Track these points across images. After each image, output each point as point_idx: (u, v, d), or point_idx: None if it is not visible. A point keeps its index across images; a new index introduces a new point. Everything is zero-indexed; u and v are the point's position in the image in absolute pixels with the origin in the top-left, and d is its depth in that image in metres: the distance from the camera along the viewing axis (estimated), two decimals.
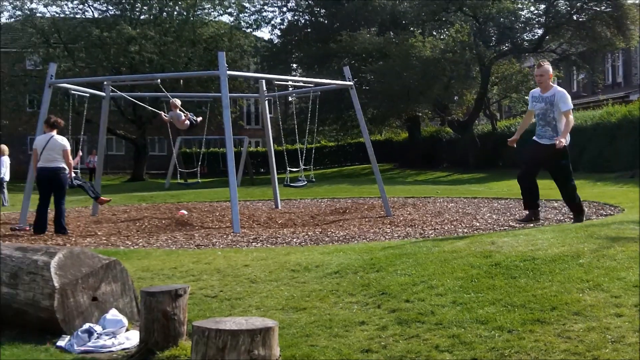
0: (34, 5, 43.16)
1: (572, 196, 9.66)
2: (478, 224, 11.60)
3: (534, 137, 9.47)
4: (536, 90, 9.50)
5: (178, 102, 15.59)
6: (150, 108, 16.81)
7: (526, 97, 20.49)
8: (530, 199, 9.73)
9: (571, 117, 9.18)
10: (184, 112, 15.51)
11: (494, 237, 8.03)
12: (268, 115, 17.95)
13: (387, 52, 36.03)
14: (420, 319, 5.25)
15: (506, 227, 10.83)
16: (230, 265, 7.57)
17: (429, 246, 7.69)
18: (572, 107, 9.33)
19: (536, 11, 37.50)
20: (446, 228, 11.36)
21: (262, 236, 11.09)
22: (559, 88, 9.35)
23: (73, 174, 13.33)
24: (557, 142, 8.87)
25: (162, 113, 15.65)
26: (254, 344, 3.99)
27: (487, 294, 5.63)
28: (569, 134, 9.18)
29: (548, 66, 9.34)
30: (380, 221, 13.16)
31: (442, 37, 39.73)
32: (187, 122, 15.49)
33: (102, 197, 14.78)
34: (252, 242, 10.42)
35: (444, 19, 39.59)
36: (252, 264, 7.63)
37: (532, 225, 9.77)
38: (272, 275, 6.95)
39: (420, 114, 41.73)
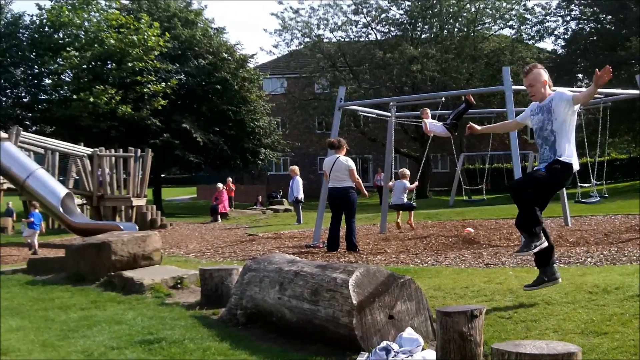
0: (321, 32, 45.15)
1: (528, 225, 6.70)
2: None
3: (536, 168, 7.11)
4: (535, 103, 7.13)
5: (407, 172, 16.15)
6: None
7: None
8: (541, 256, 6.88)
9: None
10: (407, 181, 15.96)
11: None
12: None
13: None
14: None
15: None
16: (523, 286, 7.41)
17: None
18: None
19: None
20: None
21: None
22: (559, 89, 7.08)
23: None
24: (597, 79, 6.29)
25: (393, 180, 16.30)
26: None
27: None
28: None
29: (538, 70, 6.98)
30: None
31: None
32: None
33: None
34: None
35: None
36: None
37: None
38: (568, 297, 6.70)
39: None
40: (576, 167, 6.79)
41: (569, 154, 6.73)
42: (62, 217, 19.18)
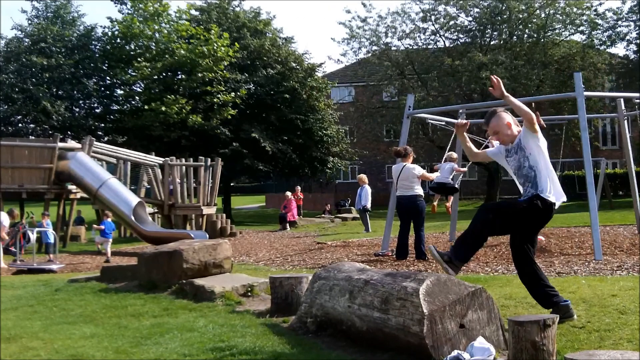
0: (389, 40, 45.03)
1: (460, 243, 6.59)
2: None
3: None
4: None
5: (455, 155, 15.46)
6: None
7: None
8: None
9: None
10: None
11: None
12: (628, 135, 17.04)
13: None
14: None
15: None
16: (596, 295, 7.29)
17: None
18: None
19: None
20: None
21: (626, 264, 10.54)
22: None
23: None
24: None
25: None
26: None
27: None
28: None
29: (497, 115, 6.67)
30: None
31: None
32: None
33: None
34: (617, 270, 9.94)
35: None
36: (619, 293, 7.29)
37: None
38: None
39: None
40: (559, 202, 6.50)
41: (550, 190, 6.44)
42: (134, 225, 19.57)
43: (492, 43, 43.79)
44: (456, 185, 15.11)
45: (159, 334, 6.83)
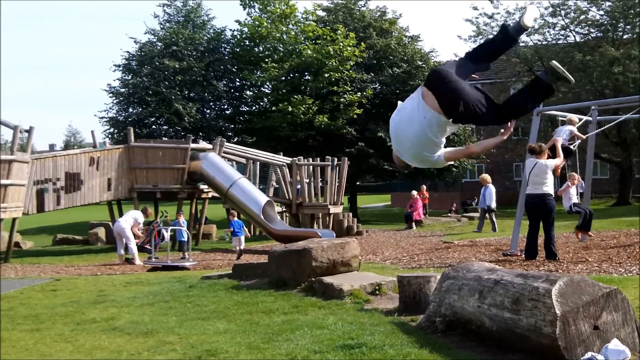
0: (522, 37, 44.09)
1: None
2: None
3: None
4: None
5: (575, 118, 14.90)
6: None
7: None
8: None
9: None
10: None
11: None
12: None
13: None
14: None
15: None
16: None
17: None
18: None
19: None
20: None
21: None
22: None
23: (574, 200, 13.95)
24: None
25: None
26: None
27: None
28: None
29: None
30: None
31: None
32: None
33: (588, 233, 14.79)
34: None
35: None
36: None
37: None
38: None
39: None
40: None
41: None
42: (263, 224, 19.98)
43: (624, 37, 42.27)
44: (572, 148, 14.78)
45: (290, 330, 6.97)
